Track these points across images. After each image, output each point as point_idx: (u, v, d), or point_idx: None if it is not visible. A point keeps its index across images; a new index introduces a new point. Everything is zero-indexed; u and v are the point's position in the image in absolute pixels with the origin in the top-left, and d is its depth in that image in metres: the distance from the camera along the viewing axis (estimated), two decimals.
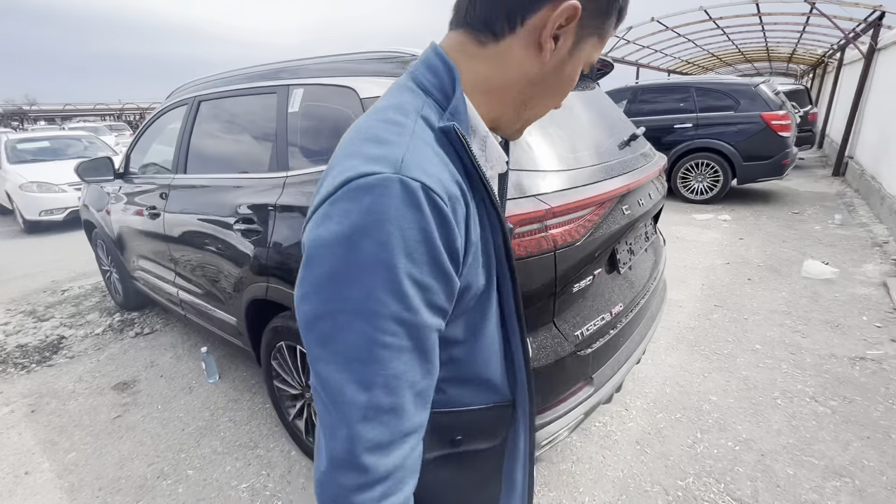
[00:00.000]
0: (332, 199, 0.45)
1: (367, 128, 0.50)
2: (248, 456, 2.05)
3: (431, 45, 0.56)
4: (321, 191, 0.47)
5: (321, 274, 0.45)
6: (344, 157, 0.48)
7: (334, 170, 0.47)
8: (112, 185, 3.06)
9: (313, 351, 0.47)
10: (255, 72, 2.05)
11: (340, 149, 0.51)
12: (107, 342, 3.19)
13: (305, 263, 0.46)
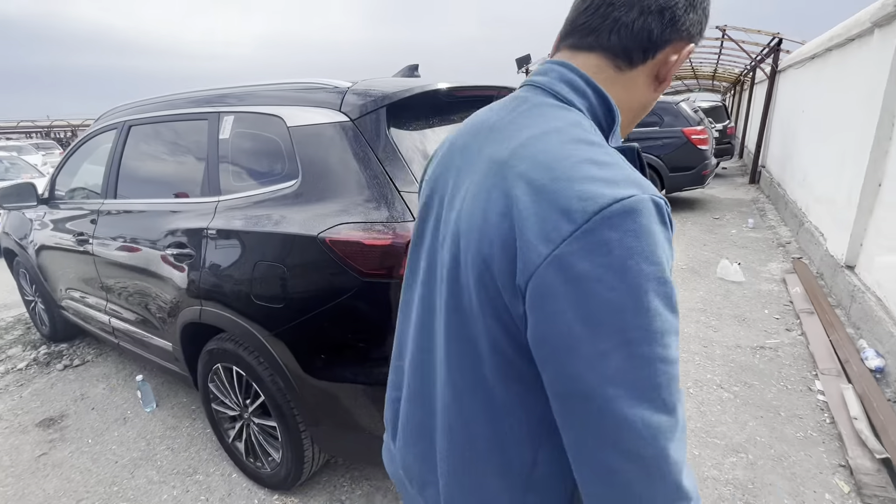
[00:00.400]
0: (587, 229, 0.41)
1: (564, 150, 0.47)
2: (186, 483, 2.02)
3: (568, 65, 0.56)
4: (575, 194, 0.43)
5: (604, 309, 0.41)
6: (566, 181, 0.44)
7: (557, 196, 0.43)
8: (35, 212, 2.93)
9: (607, 391, 0.42)
10: (187, 98, 2.08)
11: (556, 158, 0.46)
12: (31, 377, 3.00)
13: (630, 267, 0.41)
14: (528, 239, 0.44)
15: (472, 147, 0.57)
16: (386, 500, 1.88)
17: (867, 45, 3.43)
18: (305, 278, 1.46)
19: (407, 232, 1.30)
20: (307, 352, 1.51)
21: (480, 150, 0.55)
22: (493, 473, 0.55)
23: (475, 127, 0.60)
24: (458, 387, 0.55)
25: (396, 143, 1.44)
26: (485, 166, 0.53)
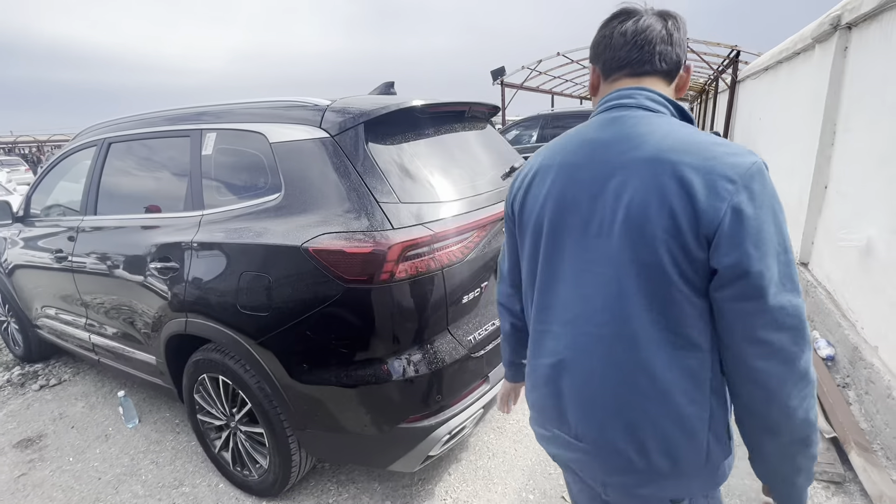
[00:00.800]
0: (742, 185, 0.65)
1: (696, 138, 0.71)
2: (172, 495, 2.04)
3: (644, 87, 0.80)
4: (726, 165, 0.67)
5: (766, 234, 0.65)
6: (714, 159, 0.68)
7: (714, 169, 0.67)
8: (10, 230, 2.90)
9: (786, 284, 0.66)
10: (168, 116, 2.14)
11: (695, 147, 0.70)
12: (6, 399, 2.94)
13: (770, 204, 0.67)
14: (707, 200, 0.66)
15: (600, 158, 0.76)
16: (373, 500, 1.94)
17: (810, 59, 3.72)
18: (290, 287, 1.53)
19: (386, 240, 1.39)
20: (293, 358, 1.58)
21: (616, 158, 0.74)
22: (689, 388, 0.74)
23: (588, 145, 0.79)
24: (655, 319, 0.72)
25: (374, 157, 1.54)
26: (637, 164, 0.72)
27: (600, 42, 0.83)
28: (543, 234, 0.83)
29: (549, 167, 0.83)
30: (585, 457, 0.83)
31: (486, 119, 2.34)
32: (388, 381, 1.45)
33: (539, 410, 0.91)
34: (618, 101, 0.79)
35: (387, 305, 1.42)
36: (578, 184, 0.78)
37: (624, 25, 0.80)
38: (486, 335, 1.67)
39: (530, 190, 0.85)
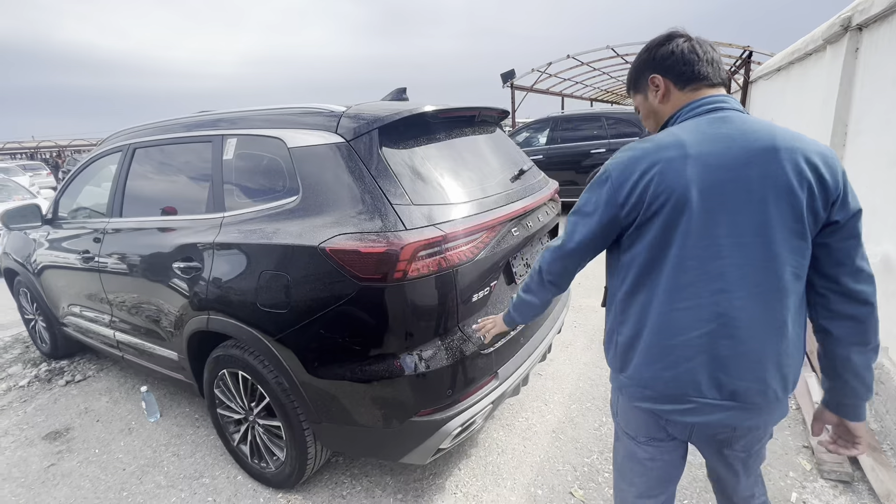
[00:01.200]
0: (840, 169, 0.92)
1: (792, 131, 0.94)
2: (193, 486, 2.12)
3: (728, 96, 1.01)
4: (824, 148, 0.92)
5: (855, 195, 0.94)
6: (823, 148, 0.93)
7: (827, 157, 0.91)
8: (39, 231, 3.03)
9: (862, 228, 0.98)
10: (190, 122, 2.23)
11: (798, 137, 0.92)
12: (34, 394, 3.07)
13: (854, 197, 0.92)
14: (830, 174, 0.90)
15: (736, 148, 0.92)
16: (385, 494, 2.00)
17: (821, 59, 3.70)
18: (307, 285, 1.60)
19: (399, 240, 1.45)
20: (309, 353, 1.65)
21: (749, 147, 0.91)
22: (802, 326, 1.00)
23: (722, 139, 0.93)
24: (794, 272, 0.94)
25: (388, 161, 1.61)
26: (769, 152, 0.90)
27: (668, 58, 1.03)
28: (685, 216, 0.92)
29: (680, 158, 0.93)
30: (731, 413, 0.98)
31: (495, 123, 2.40)
32: (400, 376, 1.51)
33: (677, 386, 0.99)
34: (716, 104, 0.99)
35: (400, 303, 1.48)
36: (719, 170, 0.91)
37: (682, 45, 1.02)
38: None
39: (659, 179, 0.93)
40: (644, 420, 1.10)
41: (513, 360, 1.83)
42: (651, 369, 1.01)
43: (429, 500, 1.95)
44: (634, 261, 1.00)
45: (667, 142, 0.95)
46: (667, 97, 1.05)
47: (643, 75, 1.08)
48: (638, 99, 1.13)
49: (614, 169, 0.98)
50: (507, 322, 1.39)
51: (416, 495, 1.98)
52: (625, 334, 1.05)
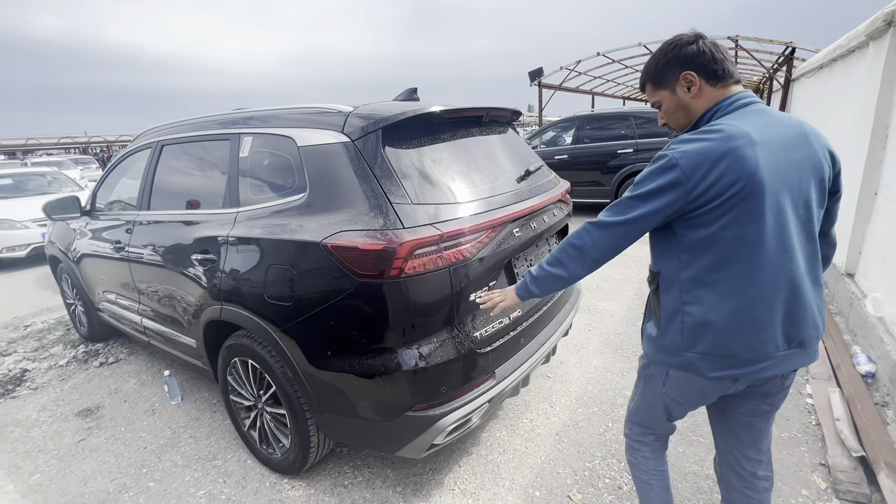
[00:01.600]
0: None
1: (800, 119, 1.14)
2: (206, 467, 2.23)
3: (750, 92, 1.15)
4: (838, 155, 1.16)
5: None
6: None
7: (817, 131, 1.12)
8: (78, 222, 3.24)
9: None
10: (212, 120, 2.34)
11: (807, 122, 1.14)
12: (71, 373, 3.30)
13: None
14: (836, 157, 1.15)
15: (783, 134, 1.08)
16: (385, 485, 2.04)
17: (864, 56, 3.49)
18: (310, 280, 1.66)
19: (397, 238, 1.48)
20: (311, 345, 1.70)
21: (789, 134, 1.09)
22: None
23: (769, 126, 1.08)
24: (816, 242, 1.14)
25: (391, 161, 1.64)
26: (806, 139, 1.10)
27: (700, 56, 1.12)
28: (759, 198, 1.03)
29: (749, 146, 1.03)
30: (796, 359, 1.16)
31: (507, 123, 2.40)
32: (395, 371, 1.55)
33: (762, 348, 1.11)
34: (749, 99, 1.13)
35: (396, 300, 1.51)
36: (778, 153, 1.05)
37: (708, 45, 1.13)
38: (493, 332, 1.73)
39: (736, 166, 1.02)
40: (703, 388, 1.20)
41: (511, 360, 1.83)
42: (739, 340, 1.11)
43: (427, 495, 1.98)
44: (711, 242, 1.08)
45: (734, 132, 1.04)
46: (701, 93, 1.14)
47: (671, 71, 1.16)
48: (662, 94, 1.20)
49: (682, 157, 1.04)
50: (522, 294, 1.37)
51: (415, 489, 2.02)
52: (696, 314, 1.12)
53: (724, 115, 1.11)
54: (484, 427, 2.40)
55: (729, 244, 1.06)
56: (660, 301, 1.20)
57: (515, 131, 2.51)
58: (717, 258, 1.08)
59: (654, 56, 1.20)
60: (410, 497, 1.97)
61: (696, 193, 1.04)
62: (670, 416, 1.34)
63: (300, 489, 2.05)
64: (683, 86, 1.15)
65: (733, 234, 1.05)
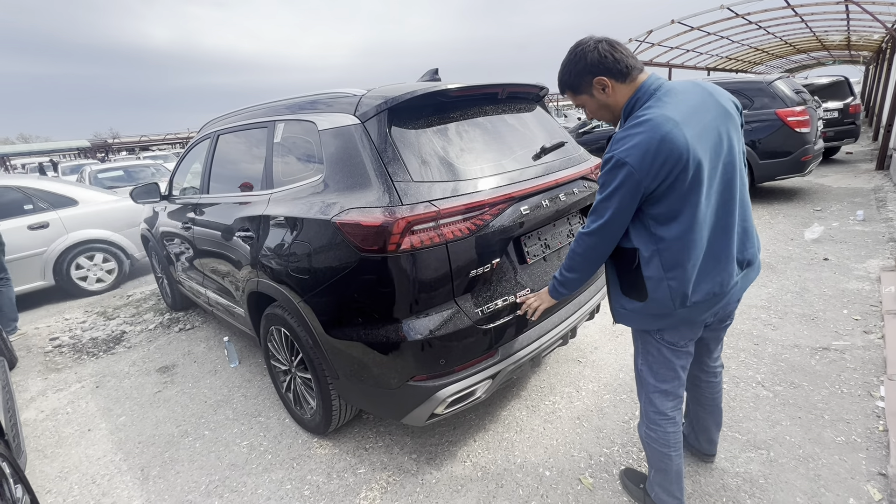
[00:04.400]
0: None
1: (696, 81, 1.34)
2: (251, 422, 2.51)
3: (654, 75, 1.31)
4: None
5: None
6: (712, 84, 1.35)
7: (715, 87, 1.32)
8: (159, 205, 3.72)
9: None
10: (256, 110, 2.55)
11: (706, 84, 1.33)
12: (157, 336, 3.83)
13: None
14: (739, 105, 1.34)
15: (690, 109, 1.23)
16: (402, 452, 2.16)
17: None
18: (324, 254, 1.78)
19: (393, 215, 1.54)
20: (326, 314, 1.84)
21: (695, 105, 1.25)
22: None
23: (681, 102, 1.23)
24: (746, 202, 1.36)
25: (395, 140, 1.69)
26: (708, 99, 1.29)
27: (602, 62, 1.27)
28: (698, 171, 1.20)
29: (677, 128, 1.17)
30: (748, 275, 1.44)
31: (533, 100, 2.33)
32: (396, 342, 1.62)
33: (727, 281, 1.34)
34: (657, 83, 1.28)
35: (395, 273, 1.58)
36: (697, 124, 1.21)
37: (604, 49, 1.27)
38: (496, 310, 1.73)
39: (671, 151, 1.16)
40: (693, 329, 1.43)
41: (519, 339, 1.82)
42: (713, 281, 1.31)
43: (439, 464, 2.06)
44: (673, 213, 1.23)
45: (660, 120, 1.17)
46: (615, 91, 1.30)
47: (584, 79, 1.32)
48: (583, 98, 1.37)
49: (627, 155, 1.18)
50: (554, 296, 1.56)
51: (430, 458, 2.11)
52: (679, 277, 1.28)
53: (642, 105, 1.25)
54: (504, 405, 2.42)
55: (687, 210, 1.22)
56: (643, 274, 1.33)
57: (544, 108, 2.43)
58: (682, 224, 1.23)
59: (565, 67, 1.35)
60: (424, 465, 2.07)
61: (649, 179, 1.18)
62: (679, 359, 1.48)
63: (326, 448, 2.23)
64: (598, 89, 1.31)
65: (688, 201, 1.22)
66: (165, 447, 2.37)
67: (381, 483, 1.98)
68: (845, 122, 8.30)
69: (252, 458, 2.22)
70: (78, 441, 2.50)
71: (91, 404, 2.86)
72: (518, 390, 2.54)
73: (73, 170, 17.07)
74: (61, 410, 2.82)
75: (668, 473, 1.56)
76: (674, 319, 1.36)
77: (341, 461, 2.14)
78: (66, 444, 2.49)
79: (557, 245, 2.05)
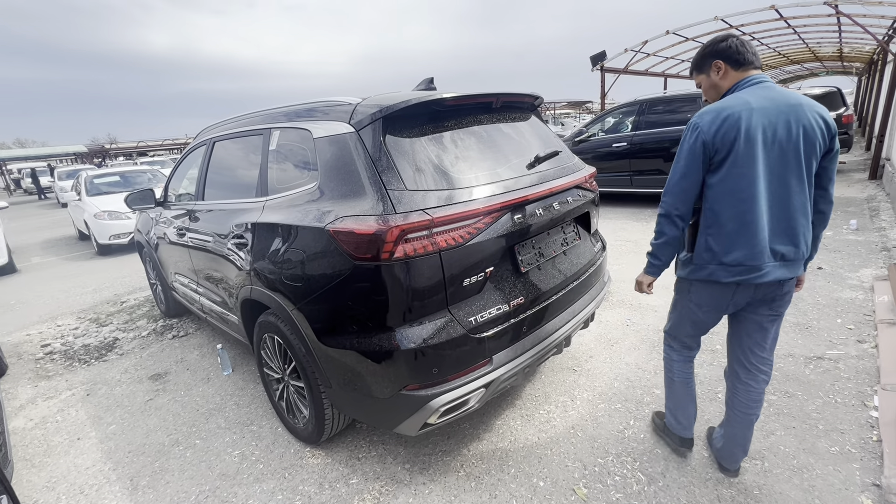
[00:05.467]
0: None
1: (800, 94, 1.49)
2: (243, 431, 2.48)
3: (765, 75, 1.55)
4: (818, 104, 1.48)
5: None
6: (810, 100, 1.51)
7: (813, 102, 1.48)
8: (154, 212, 3.70)
9: None
10: (251, 117, 2.56)
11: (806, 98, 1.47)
12: (150, 343, 3.80)
13: None
14: (833, 125, 1.47)
15: (771, 104, 1.46)
16: (395, 462, 2.14)
17: None
18: (317, 262, 1.78)
19: (387, 223, 1.54)
20: (318, 322, 1.83)
21: (784, 103, 1.45)
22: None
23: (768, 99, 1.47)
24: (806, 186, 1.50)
25: (389, 148, 1.70)
26: (794, 106, 1.45)
27: (726, 50, 1.57)
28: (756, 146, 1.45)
29: (747, 110, 1.45)
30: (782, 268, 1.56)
31: (528, 109, 2.35)
32: (388, 350, 1.62)
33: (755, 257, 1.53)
34: (760, 79, 1.53)
35: (388, 282, 1.57)
36: (769, 116, 1.45)
37: (734, 42, 1.57)
38: (490, 318, 1.73)
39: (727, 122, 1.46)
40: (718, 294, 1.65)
41: (512, 347, 1.82)
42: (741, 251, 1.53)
43: (432, 474, 2.04)
44: (721, 180, 1.51)
45: (736, 101, 1.49)
46: (726, 75, 1.59)
47: (707, 61, 1.63)
48: (701, 77, 1.68)
49: (700, 119, 1.51)
50: (651, 272, 1.75)
51: (423, 468, 2.09)
52: (714, 234, 1.56)
53: (739, 91, 1.54)
54: (499, 414, 2.41)
55: (732, 180, 1.49)
56: (693, 230, 1.65)
57: (539, 117, 2.45)
58: (726, 191, 1.51)
59: (699, 50, 1.67)
60: (417, 475, 2.05)
61: (711, 141, 1.48)
62: (695, 324, 1.78)
63: (319, 458, 2.21)
64: (714, 70, 1.61)
65: (736, 172, 1.48)
66: (156, 456, 2.34)
67: (374, 493, 1.96)
68: (839, 132, 8.40)
69: (243, 468, 2.19)
70: (67, 450, 2.47)
71: (81, 412, 2.83)
72: (513, 399, 2.52)
73: (69, 174, 17.07)
74: (51, 419, 2.78)
75: (673, 397, 1.94)
76: (705, 273, 1.62)
77: (334, 471, 2.11)
78: (55, 453, 2.45)
79: (551, 253, 2.05)
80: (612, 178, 7.38)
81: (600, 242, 2.54)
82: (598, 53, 9.85)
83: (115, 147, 32.36)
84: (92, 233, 7.71)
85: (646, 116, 7.03)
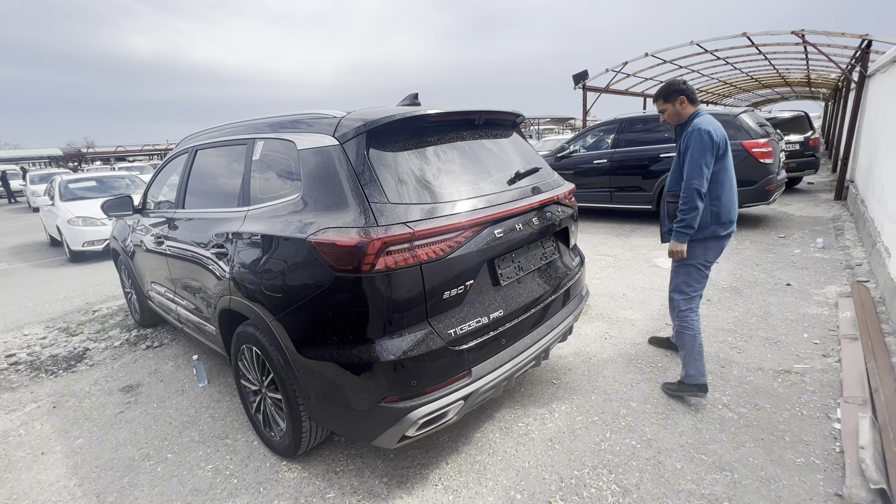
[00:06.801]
0: None
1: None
2: (217, 444, 2.43)
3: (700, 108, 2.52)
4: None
5: None
6: None
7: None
8: (132, 219, 3.63)
9: None
10: (235, 127, 2.56)
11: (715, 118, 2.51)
12: (122, 353, 3.69)
13: None
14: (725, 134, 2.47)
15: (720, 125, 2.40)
16: (373, 475, 2.12)
17: None
18: (297, 273, 1.78)
19: (368, 236, 1.56)
20: (298, 333, 1.82)
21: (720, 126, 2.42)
22: None
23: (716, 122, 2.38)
24: None
25: (373, 162, 1.72)
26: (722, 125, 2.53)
27: (685, 91, 2.41)
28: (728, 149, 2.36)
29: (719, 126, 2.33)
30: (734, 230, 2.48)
31: (509, 126, 2.41)
32: (368, 362, 1.62)
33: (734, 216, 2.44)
34: (704, 112, 2.41)
35: (369, 294, 1.59)
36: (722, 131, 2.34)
37: (689, 85, 2.46)
38: (469, 331, 1.75)
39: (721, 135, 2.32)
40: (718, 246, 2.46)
41: (491, 360, 1.84)
42: (730, 213, 2.40)
43: (410, 488, 2.03)
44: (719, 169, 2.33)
45: (713, 120, 2.33)
46: (685, 107, 2.42)
47: (674, 95, 2.42)
48: (667, 105, 2.45)
49: (710, 129, 2.27)
50: (680, 239, 2.40)
51: (401, 481, 2.07)
52: (717, 204, 2.38)
53: (698, 117, 2.37)
54: (477, 427, 2.41)
55: (723, 168, 2.34)
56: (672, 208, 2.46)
57: (521, 134, 2.52)
58: (721, 175, 2.35)
59: (665, 87, 2.46)
60: (395, 489, 2.03)
61: (718, 142, 2.27)
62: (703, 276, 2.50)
63: (295, 472, 2.17)
64: (679, 103, 2.42)
65: (724, 163, 2.34)
66: (125, 472, 2.27)
67: None
68: (806, 154, 8.80)
69: (217, 483, 2.14)
70: (30, 465, 2.37)
71: (46, 426, 2.72)
72: (492, 412, 2.54)
73: (42, 178, 16.55)
74: (13, 432, 2.67)
75: (694, 351, 2.46)
76: (709, 232, 2.38)
77: (310, 485, 2.08)
78: (17, 468, 2.35)
79: (531, 267, 2.09)
80: (592, 193, 7.56)
81: (579, 257, 2.60)
82: (580, 73, 10.16)
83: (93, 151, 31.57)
84: (64, 239, 7.48)
85: (625, 135, 7.25)
